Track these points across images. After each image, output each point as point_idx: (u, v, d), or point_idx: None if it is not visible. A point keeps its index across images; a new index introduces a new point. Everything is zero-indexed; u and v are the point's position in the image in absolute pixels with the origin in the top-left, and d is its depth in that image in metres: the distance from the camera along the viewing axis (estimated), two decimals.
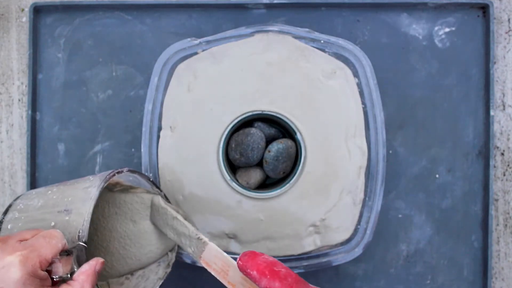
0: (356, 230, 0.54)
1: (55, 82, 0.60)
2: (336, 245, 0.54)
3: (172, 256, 0.50)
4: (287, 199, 0.53)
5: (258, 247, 0.54)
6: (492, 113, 0.58)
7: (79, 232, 0.39)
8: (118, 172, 0.44)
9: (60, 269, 0.37)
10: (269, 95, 0.53)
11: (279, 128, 0.57)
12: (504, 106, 0.59)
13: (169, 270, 0.50)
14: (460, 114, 0.59)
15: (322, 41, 0.53)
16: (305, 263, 0.53)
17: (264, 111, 0.53)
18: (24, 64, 0.60)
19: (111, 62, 0.60)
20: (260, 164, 0.56)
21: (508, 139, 0.59)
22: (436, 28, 0.59)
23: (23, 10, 0.61)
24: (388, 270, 0.59)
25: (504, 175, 0.59)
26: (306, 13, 0.59)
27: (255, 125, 0.56)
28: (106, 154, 0.59)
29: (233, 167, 0.57)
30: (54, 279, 0.37)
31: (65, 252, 0.38)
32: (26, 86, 0.60)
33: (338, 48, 0.53)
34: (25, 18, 0.60)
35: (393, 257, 0.59)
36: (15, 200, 0.46)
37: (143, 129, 0.53)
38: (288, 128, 0.54)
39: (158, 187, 0.49)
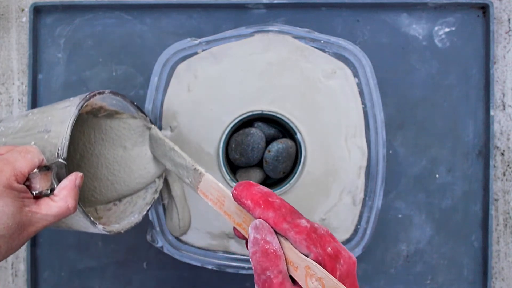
0: (356, 230, 0.54)
1: (55, 82, 0.60)
2: None
3: (159, 183, 0.50)
4: (287, 199, 0.53)
5: None
6: (492, 113, 0.58)
7: (58, 150, 0.38)
8: (99, 93, 0.43)
9: (38, 185, 0.37)
10: (269, 95, 0.53)
11: (279, 128, 0.57)
12: (504, 106, 0.59)
13: (156, 195, 0.50)
14: (460, 114, 0.59)
15: (322, 41, 0.53)
16: None
17: (264, 111, 0.53)
18: (24, 64, 0.60)
19: (111, 62, 0.60)
20: (260, 164, 0.56)
21: (508, 139, 0.59)
22: (436, 28, 0.59)
23: (23, 10, 0.61)
24: (388, 270, 0.59)
25: (504, 175, 0.59)
26: (306, 13, 0.59)
27: (255, 125, 0.56)
28: None
29: (233, 167, 0.57)
30: (34, 195, 0.37)
31: (44, 168, 0.37)
32: (26, 86, 0.60)
33: (338, 48, 0.53)
34: (25, 18, 0.60)
35: (393, 257, 0.59)
36: None
37: None
38: (288, 128, 0.54)
39: (143, 112, 0.48)
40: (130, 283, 0.59)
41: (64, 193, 0.38)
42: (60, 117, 0.40)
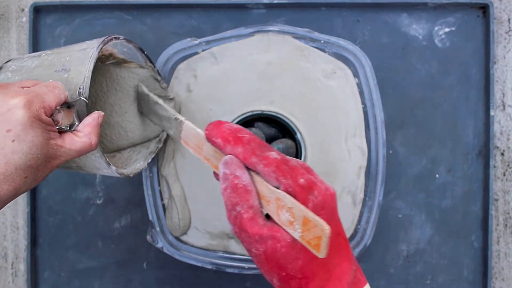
0: (356, 230, 0.54)
1: None
2: None
3: (164, 133, 0.51)
4: None
5: None
6: (492, 113, 0.58)
7: (79, 89, 0.39)
8: (115, 38, 0.43)
9: (61, 120, 0.38)
10: (269, 95, 0.53)
11: (279, 128, 0.57)
12: (504, 106, 0.59)
13: (160, 145, 0.51)
14: (460, 114, 0.59)
15: (322, 41, 0.53)
16: None
17: (264, 111, 0.53)
18: None
19: None
20: None
21: (508, 139, 0.59)
22: (436, 28, 0.59)
23: (23, 10, 0.61)
24: (388, 270, 0.59)
25: (504, 175, 0.59)
26: (306, 13, 0.59)
27: (255, 125, 0.56)
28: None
29: None
30: (58, 129, 0.37)
31: (65, 105, 0.38)
32: None
33: (338, 48, 0.53)
34: (25, 18, 0.60)
35: (393, 257, 0.59)
36: (5, 62, 0.45)
37: None
38: (288, 128, 0.54)
39: (151, 62, 0.49)
40: (130, 283, 0.59)
41: (88, 130, 0.38)
42: (79, 58, 0.40)
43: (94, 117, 0.39)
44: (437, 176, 0.59)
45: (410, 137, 0.59)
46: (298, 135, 0.53)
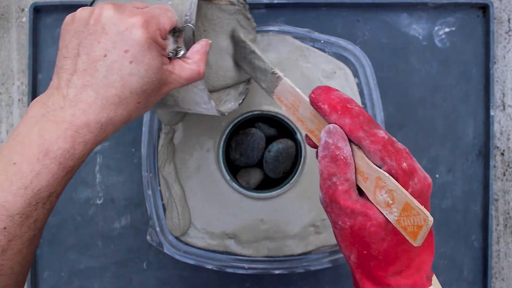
0: None
1: None
2: (336, 245, 0.54)
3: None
4: (287, 199, 0.53)
5: (258, 247, 0.54)
6: (492, 113, 0.58)
7: (185, 16, 0.37)
8: None
9: (171, 45, 0.36)
10: None
11: (279, 128, 0.57)
12: (504, 106, 0.59)
13: (249, 86, 0.49)
14: (460, 114, 0.59)
15: (322, 41, 0.53)
16: (305, 263, 0.53)
17: (264, 111, 0.53)
18: (24, 64, 0.60)
19: None
20: (260, 164, 0.56)
21: (508, 139, 0.59)
22: (436, 28, 0.59)
23: (23, 10, 0.61)
24: None
25: (504, 175, 0.59)
26: (306, 13, 0.59)
27: (255, 125, 0.56)
28: (106, 154, 0.59)
29: (233, 167, 0.57)
30: (168, 55, 0.36)
31: (173, 31, 0.37)
32: (26, 86, 0.60)
33: (338, 48, 0.53)
34: (25, 18, 0.60)
35: None
36: None
37: (143, 129, 0.53)
38: (288, 128, 0.54)
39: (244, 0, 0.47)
40: (130, 283, 0.59)
41: (197, 57, 0.37)
42: None
43: (203, 44, 0.37)
44: (437, 176, 0.59)
45: (410, 137, 0.59)
46: (298, 135, 0.53)
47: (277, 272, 0.53)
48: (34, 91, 0.59)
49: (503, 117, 0.59)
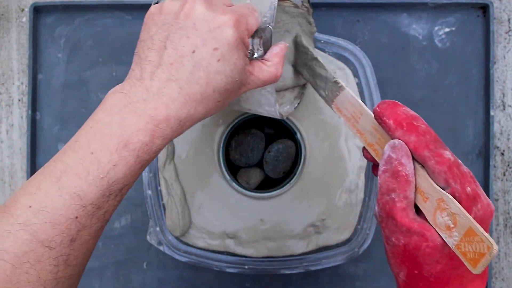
0: (356, 230, 0.54)
1: (55, 82, 0.60)
2: (336, 245, 0.54)
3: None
4: (287, 199, 0.53)
5: (258, 247, 0.54)
6: (492, 113, 0.58)
7: (264, 17, 0.36)
8: None
9: (250, 46, 0.35)
10: None
11: (279, 128, 0.57)
12: (504, 106, 0.59)
13: (304, 91, 0.49)
14: (460, 114, 0.59)
15: (322, 41, 0.53)
16: (305, 263, 0.53)
17: None
18: (24, 64, 0.60)
19: (111, 62, 0.60)
20: (260, 164, 0.56)
21: (508, 139, 0.59)
22: (436, 28, 0.59)
23: (23, 10, 0.61)
24: (388, 270, 0.59)
25: (504, 175, 0.59)
26: None
27: (255, 125, 0.56)
28: None
29: (233, 167, 0.57)
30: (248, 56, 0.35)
31: (257, 32, 0.36)
32: (26, 86, 0.60)
33: (338, 48, 0.53)
34: (25, 18, 0.60)
35: None
36: None
37: None
38: (288, 128, 0.54)
39: (309, 2, 0.45)
40: (130, 283, 0.59)
41: (276, 60, 0.36)
42: None
43: (281, 47, 0.37)
44: None
45: None
46: (298, 135, 0.53)
47: (277, 272, 0.53)
48: (34, 91, 0.59)
49: (503, 117, 0.59)
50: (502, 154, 0.59)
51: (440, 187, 0.32)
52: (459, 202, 0.32)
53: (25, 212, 0.30)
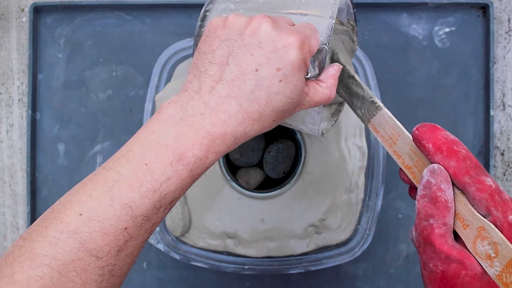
0: (356, 230, 0.54)
1: (55, 82, 0.60)
2: (336, 245, 0.54)
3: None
4: (287, 199, 0.53)
5: (258, 247, 0.54)
6: (492, 113, 0.58)
7: (321, 37, 0.35)
8: None
9: (309, 67, 0.35)
10: None
11: (279, 128, 0.57)
12: (504, 106, 0.59)
13: (341, 108, 0.48)
14: (460, 114, 0.59)
15: None
16: (305, 263, 0.54)
17: None
18: (24, 64, 0.60)
19: (111, 62, 0.60)
20: (260, 164, 0.56)
21: (508, 139, 0.59)
22: (436, 28, 0.59)
23: (23, 10, 0.61)
24: (388, 270, 0.59)
25: (504, 175, 0.59)
26: None
27: None
28: (106, 154, 0.59)
29: (233, 167, 0.57)
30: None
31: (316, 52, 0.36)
32: (26, 86, 0.60)
33: None
34: (25, 18, 0.60)
35: (393, 257, 0.59)
36: None
37: None
38: (288, 128, 0.54)
39: (355, 21, 0.45)
40: (130, 283, 0.59)
41: (331, 82, 0.36)
42: (316, 1, 0.37)
43: (337, 69, 0.37)
44: None
45: None
46: (298, 135, 0.53)
47: (277, 272, 0.53)
48: (34, 91, 0.59)
49: (503, 117, 0.59)
50: (502, 154, 0.59)
51: (481, 215, 0.32)
52: (501, 231, 0.31)
53: (75, 220, 0.29)
